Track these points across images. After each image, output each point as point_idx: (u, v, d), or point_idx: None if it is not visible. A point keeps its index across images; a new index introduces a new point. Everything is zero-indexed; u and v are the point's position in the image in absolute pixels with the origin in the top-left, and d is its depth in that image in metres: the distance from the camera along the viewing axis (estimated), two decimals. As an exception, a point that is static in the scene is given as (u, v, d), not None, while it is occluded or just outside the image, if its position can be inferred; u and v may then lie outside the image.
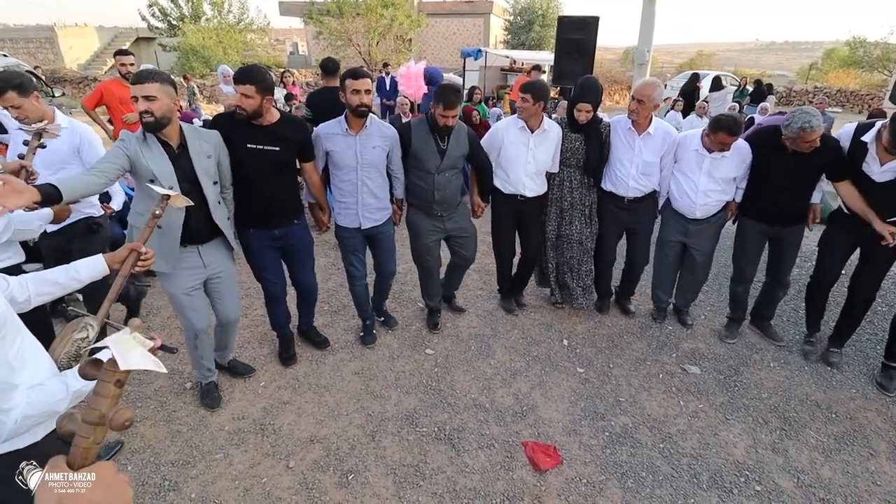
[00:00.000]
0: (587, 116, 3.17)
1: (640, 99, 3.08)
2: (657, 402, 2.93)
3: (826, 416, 2.84)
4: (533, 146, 3.20)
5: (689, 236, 3.37)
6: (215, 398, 2.78)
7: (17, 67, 8.10)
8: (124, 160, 2.15)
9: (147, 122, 2.11)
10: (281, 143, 2.59)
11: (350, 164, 2.84)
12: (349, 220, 3.00)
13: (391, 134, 2.93)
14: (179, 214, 2.29)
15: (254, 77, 2.41)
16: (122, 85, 4.64)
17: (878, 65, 23.37)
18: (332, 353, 3.29)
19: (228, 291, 2.68)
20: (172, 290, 2.46)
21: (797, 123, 2.69)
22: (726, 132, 2.95)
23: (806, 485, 2.38)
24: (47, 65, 19.09)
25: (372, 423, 2.70)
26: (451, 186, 3.10)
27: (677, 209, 3.34)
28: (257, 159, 2.56)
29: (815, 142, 2.72)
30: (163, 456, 2.46)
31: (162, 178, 2.20)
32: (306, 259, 3.01)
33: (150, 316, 3.70)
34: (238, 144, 2.52)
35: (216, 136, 2.44)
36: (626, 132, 3.25)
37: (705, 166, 3.13)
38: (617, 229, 3.51)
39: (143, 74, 2.10)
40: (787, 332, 3.61)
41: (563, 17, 6.15)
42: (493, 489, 2.33)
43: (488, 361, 3.26)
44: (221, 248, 2.57)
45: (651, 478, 2.41)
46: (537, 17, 27.57)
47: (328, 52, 22.53)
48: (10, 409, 1.08)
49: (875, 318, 3.82)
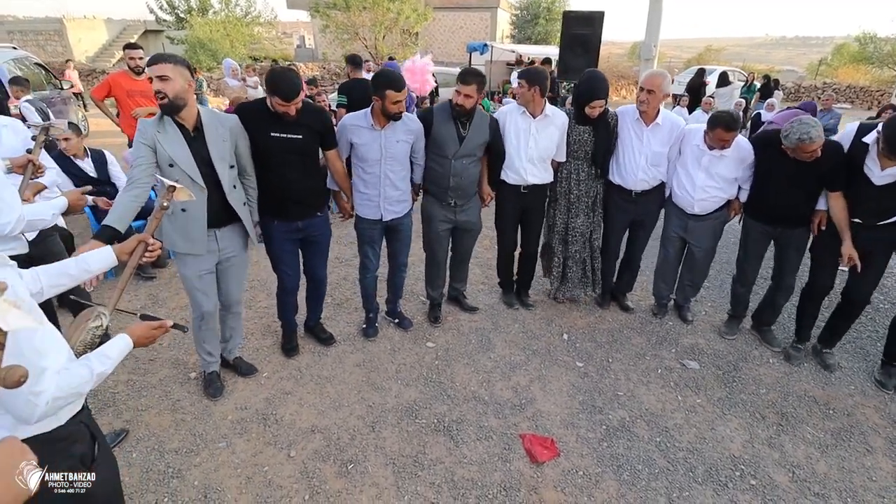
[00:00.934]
0: (600, 111, 3.17)
1: (649, 89, 3.08)
2: (655, 396, 2.95)
3: (824, 412, 2.85)
4: (535, 131, 3.20)
5: (688, 232, 3.38)
6: (217, 388, 2.83)
7: (26, 60, 8.16)
8: (150, 154, 2.21)
9: (162, 103, 2.16)
10: (303, 131, 2.63)
11: (375, 157, 2.89)
12: (370, 211, 3.04)
13: (416, 128, 2.98)
14: (202, 198, 2.35)
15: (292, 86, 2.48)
16: (131, 78, 4.70)
17: (889, 61, 23.10)
18: (335, 346, 3.33)
19: (236, 276, 2.75)
20: (187, 271, 2.51)
21: (795, 135, 2.66)
22: (723, 128, 2.94)
23: (801, 479, 2.41)
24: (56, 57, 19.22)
25: (372, 414, 2.74)
26: (467, 174, 3.12)
27: (677, 203, 3.36)
28: (281, 147, 2.61)
29: (815, 152, 2.69)
30: (167, 444, 2.51)
31: (179, 161, 2.25)
32: (323, 252, 3.06)
33: (154, 307, 3.75)
34: (262, 133, 2.57)
35: (234, 120, 2.49)
36: (634, 123, 3.24)
37: (704, 163, 3.13)
38: (623, 222, 3.52)
39: (156, 56, 2.17)
40: (785, 329, 3.60)
41: (568, 11, 6.12)
42: (491, 480, 2.36)
43: (488, 355, 3.29)
44: (237, 234, 2.63)
45: (647, 471, 2.44)
46: (543, 11, 27.41)
47: (335, 45, 22.55)
48: (40, 392, 1.13)
49: (877, 316, 3.82)
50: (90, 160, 4.00)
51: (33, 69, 8.12)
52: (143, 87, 4.71)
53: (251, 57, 21.85)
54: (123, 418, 2.66)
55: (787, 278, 3.22)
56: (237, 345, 3.06)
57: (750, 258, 3.32)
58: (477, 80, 2.93)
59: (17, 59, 7.80)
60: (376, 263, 3.27)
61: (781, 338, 3.47)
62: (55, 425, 1.27)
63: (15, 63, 7.62)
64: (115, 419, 2.65)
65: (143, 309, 3.70)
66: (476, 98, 2.94)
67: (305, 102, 2.67)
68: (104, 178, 4.05)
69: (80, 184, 3.91)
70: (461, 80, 2.91)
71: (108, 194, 3.99)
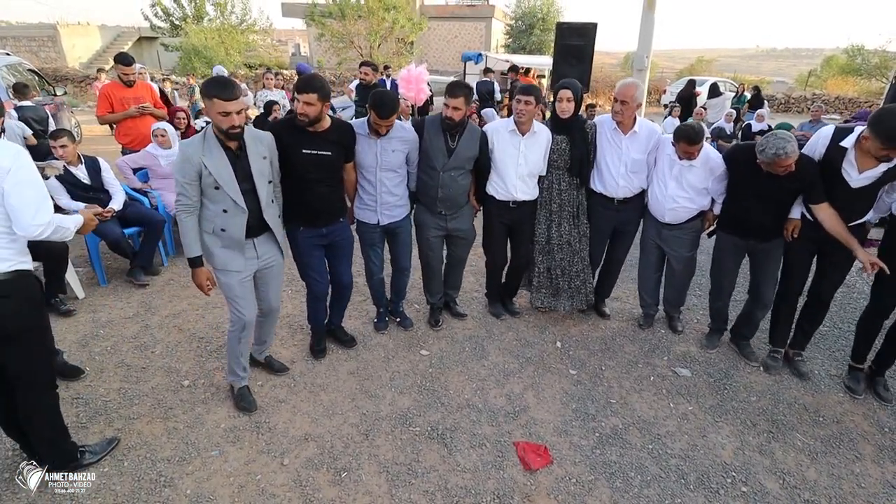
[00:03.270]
0: (569, 105, 3.19)
1: (622, 100, 3.14)
2: (647, 403, 2.97)
3: (813, 419, 2.88)
4: (524, 148, 3.23)
5: (662, 240, 3.42)
6: (251, 401, 2.80)
7: (19, 66, 8.13)
8: (194, 175, 2.31)
9: (237, 132, 2.30)
10: (332, 148, 2.73)
11: (370, 164, 2.98)
12: (369, 215, 3.13)
13: (411, 137, 3.05)
14: (242, 218, 2.44)
15: (315, 86, 2.53)
16: (121, 87, 4.82)
17: (877, 72, 23.49)
18: (329, 353, 3.33)
19: (275, 281, 2.80)
20: (230, 280, 2.54)
21: (771, 150, 2.67)
22: (686, 141, 3.00)
23: (791, 486, 2.43)
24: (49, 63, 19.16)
25: (366, 422, 2.74)
26: (455, 186, 3.16)
27: (651, 211, 3.41)
28: (313, 163, 2.70)
29: (790, 166, 2.71)
30: (159, 452, 2.49)
31: (222, 181, 2.33)
32: (347, 256, 3.12)
33: (147, 314, 3.73)
34: (295, 150, 2.65)
35: (270, 138, 2.56)
36: (612, 132, 3.29)
37: (675, 172, 3.18)
38: (606, 230, 3.55)
39: (231, 89, 2.24)
40: (762, 342, 3.58)
41: (561, 23, 6.21)
42: (484, 488, 2.37)
43: (482, 363, 3.30)
44: (272, 241, 2.69)
45: (639, 478, 2.45)
46: (538, 22, 27.68)
47: (330, 53, 22.65)
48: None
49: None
50: (84, 167, 3.99)
51: (27, 75, 8.09)
52: (134, 94, 4.84)
53: (246, 64, 21.90)
54: (115, 426, 2.64)
55: (765, 292, 3.21)
56: (269, 346, 3.13)
57: (724, 272, 3.33)
58: (464, 93, 2.97)
59: (9, 65, 7.77)
60: (380, 265, 3.37)
61: (760, 353, 3.43)
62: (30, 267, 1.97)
63: (8, 69, 7.60)
64: (106, 427, 2.63)
65: (136, 317, 3.69)
66: (464, 110, 2.99)
67: (334, 119, 2.80)
68: (98, 185, 4.04)
69: (73, 191, 3.91)
70: (449, 92, 2.97)
71: (102, 201, 3.99)
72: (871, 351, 3.12)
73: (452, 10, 27.05)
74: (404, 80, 7.08)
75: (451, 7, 27.33)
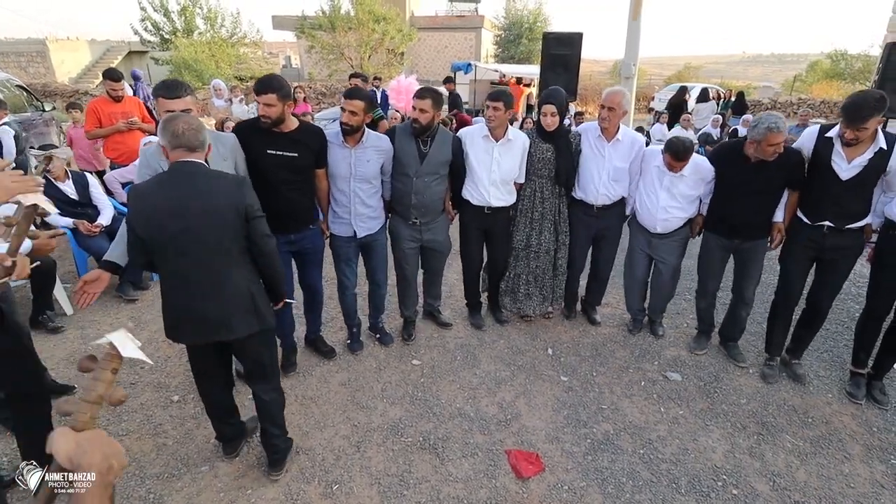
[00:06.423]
0: (553, 120, 3.23)
1: (609, 107, 3.19)
2: (638, 408, 2.98)
3: (802, 420, 2.90)
4: (497, 155, 3.24)
5: (652, 248, 3.46)
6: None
7: (7, 82, 8.10)
8: None
9: None
10: (300, 149, 2.71)
11: (344, 174, 2.94)
12: (343, 228, 3.09)
13: (387, 147, 3.03)
14: None
15: (273, 85, 2.52)
16: (109, 102, 4.83)
17: (860, 77, 23.87)
18: (320, 365, 3.32)
19: None
20: None
21: (764, 124, 2.75)
22: (672, 156, 3.06)
23: (782, 488, 2.44)
24: (38, 78, 19.10)
25: (357, 434, 2.73)
26: (429, 192, 3.15)
27: (640, 223, 3.44)
28: (277, 164, 2.67)
29: (779, 146, 2.78)
30: (148, 469, 2.47)
31: None
32: (317, 263, 3.11)
33: (137, 329, 3.71)
34: (259, 151, 2.63)
35: (232, 139, 2.55)
36: (595, 140, 3.33)
37: (665, 183, 3.21)
38: (587, 236, 3.59)
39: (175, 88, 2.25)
40: (755, 347, 3.60)
41: (547, 32, 6.28)
42: (477, 497, 2.36)
43: (474, 371, 3.30)
44: None
45: (631, 483, 2.45)
46: (525, 31, 27.96)
47: (321, 65, 22.73)
48: None
49: (852, 325, 3.89)
50: (71, 182, 3.97)
51: (14, 91, 8.06)
52: (122, 109, 4.85)
53: (237, 77, 21.93)
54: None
55: (747, 290, 3.26)
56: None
57: (709, 271, 3.37)
58: (431, 95, 3.00)
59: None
60: (354, 281, 3.30)
61: (748, 355, 3.48)
62: None
63: (-5, 85, 7.57)
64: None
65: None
66: (432, 113, 3.00)
67: (304, 122, 2.78)
68: (85, 200, 4.03)
69: (61, 206, 3.89)
70: (416, 94, 2.99)
71: (90, 217, 3.98)
72: (869, 357, 3.13)
73: (442, 21, 27.27)
74: (395, 90, 7.13)
75: (440, 18, 27.54)
